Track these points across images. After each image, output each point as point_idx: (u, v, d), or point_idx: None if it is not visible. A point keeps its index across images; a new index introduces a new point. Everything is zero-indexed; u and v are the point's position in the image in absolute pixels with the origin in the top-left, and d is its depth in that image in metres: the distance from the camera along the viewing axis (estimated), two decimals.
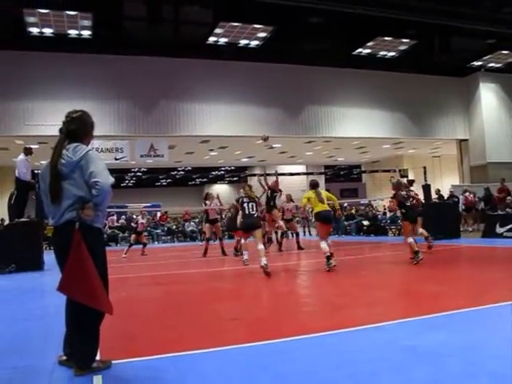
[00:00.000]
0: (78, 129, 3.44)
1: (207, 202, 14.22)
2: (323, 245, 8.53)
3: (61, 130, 3.46)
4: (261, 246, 8.40)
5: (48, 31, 17.54)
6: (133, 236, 15.57)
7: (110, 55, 19.32)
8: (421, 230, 10.23)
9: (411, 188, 10.86)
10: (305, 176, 37.73)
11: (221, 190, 53.29)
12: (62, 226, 3.30)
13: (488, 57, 23.51)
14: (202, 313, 5.29)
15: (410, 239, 9.07)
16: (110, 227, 21.43)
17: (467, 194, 19.74)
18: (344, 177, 48.73)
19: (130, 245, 15.05)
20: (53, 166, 3.29)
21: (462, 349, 3.40)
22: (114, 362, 3.42)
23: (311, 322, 4.61)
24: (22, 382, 3.19)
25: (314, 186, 9.17)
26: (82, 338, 3.28)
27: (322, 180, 39.30)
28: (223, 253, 13.12)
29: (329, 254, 8.38)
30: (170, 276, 9.20)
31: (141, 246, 15.20)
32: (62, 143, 3.36)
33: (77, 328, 3.32)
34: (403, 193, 9.48)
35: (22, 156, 10.69)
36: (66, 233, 3.21)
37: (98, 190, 3.18)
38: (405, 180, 11.97)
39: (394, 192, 9.67)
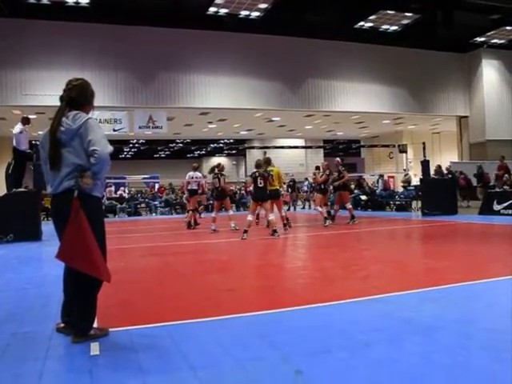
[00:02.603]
0: (78, 96, 3.40)
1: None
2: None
3: (62, 98, 3.42)
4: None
5: None
6: None
7: (109, 25, 19.08)
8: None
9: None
10: (303, 150, 37.76)
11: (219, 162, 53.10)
12: (60, 194, 3.28)
13: (491, 33, 23.24)
14: (199, 283, 5.33)
15: (249, 217, 10.08)
16: (108, 198, 21.42)
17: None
18: (343, 151, 48.61)
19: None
20: (52, 134, 3.26)
21: (457, 322, 3.43)
22: (111, 329, 3.46)
23: (307, 293, 4.65)
24: (20, 348, 3.22)
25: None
26: (80, 305, 3.31)
27: (320, 154, 39.32)
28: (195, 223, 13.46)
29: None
30: (167, 247, 9.24)
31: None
32: (63, 111, 3.33)
33: (75, 296, 3.34)
34: (256, 172, 10.10)
35: (19, 125, 10.61)
36: (65, 201, 3.20)
37: (96, 159, 3.15)
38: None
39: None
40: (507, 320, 3.43)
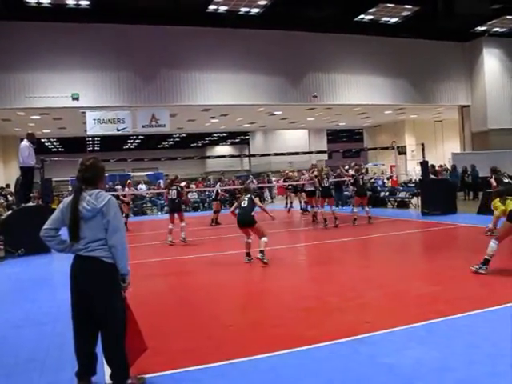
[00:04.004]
0: (92, 176, 3.74)
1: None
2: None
3: (77, 178, 3.77)
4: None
5: (45, 1, 17.35)
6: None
7: (109, 24, 19.21)
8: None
9: None
10: (307, 137, 37.98)
11: (222, 151, 53.47)
12: (88, 259, 3.60)
13: (493, 21, 23.20)
14: (202, 316, 5.71)
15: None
16: (117, 197, 21.61)
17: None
18: (346, 138, 48.72)
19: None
20: (75, 210, 3.58)
21: (435, 371, 3.76)
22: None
23: (300, 329, 4.97)
24: None
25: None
26: (121, 356, 3.66)
27: (324, 141, 39.52)
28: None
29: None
30: (172, 264, 9.65)
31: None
32: (81, 190, 3.67)
33: (117, 347, 3.66)
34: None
35: (25, 142, 10.90)
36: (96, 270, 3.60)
37: (117, 256, 3.61)
38: None
39: None
40: (483, 369, 3.74)
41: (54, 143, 46.63)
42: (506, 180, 10.81)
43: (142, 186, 25.34)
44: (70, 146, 42.95)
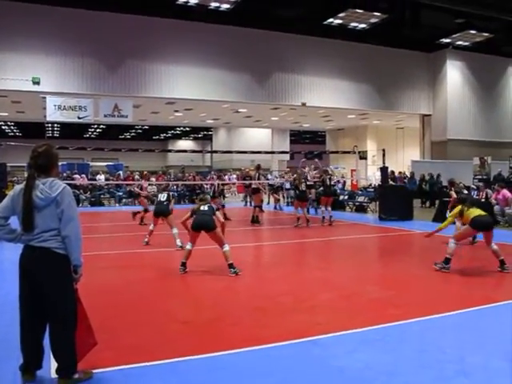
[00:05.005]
0: (45, 162, 3.60)
1: None
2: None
3: (30, 165, 3.62)
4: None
5: None
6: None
7: (76, 9, 18.76)
8: None
9: None
10: (270, 139, 38.10)
11: (185, 146, 53.09)
12: (39, 250, 3.48)
13: (457, 35, 23.90)
14: (156, 311, 5.61)
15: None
16: (74, 186, 21.15)
17: None
18: (309, 139, 49.11)
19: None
20: (27, 199, 3.45)
21: (385, 374, 3.80)
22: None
23: (254, 328, 4.96)
24: None
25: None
26: (70, 346, 3.56)
27: (287, 141, 39.73)
28: None
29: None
30: (128, 257, 9.44)
31: None
32: (34, 178, 3.53)
33: (65, 337, 3.55)
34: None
35: None
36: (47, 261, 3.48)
37: (70, 246, 3.50)
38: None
39: None
40: (430, 373, 3.82)
41: (12, 127, 45.33)
42: (465, 191, 11.28)
43: (101, 177, 24.96)
44: (28, 130, 41.81)
